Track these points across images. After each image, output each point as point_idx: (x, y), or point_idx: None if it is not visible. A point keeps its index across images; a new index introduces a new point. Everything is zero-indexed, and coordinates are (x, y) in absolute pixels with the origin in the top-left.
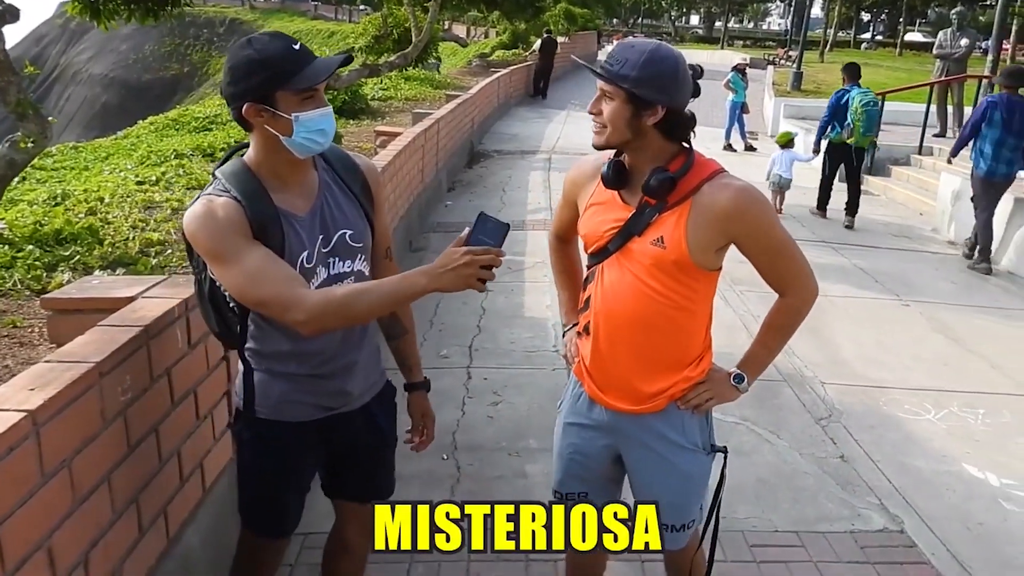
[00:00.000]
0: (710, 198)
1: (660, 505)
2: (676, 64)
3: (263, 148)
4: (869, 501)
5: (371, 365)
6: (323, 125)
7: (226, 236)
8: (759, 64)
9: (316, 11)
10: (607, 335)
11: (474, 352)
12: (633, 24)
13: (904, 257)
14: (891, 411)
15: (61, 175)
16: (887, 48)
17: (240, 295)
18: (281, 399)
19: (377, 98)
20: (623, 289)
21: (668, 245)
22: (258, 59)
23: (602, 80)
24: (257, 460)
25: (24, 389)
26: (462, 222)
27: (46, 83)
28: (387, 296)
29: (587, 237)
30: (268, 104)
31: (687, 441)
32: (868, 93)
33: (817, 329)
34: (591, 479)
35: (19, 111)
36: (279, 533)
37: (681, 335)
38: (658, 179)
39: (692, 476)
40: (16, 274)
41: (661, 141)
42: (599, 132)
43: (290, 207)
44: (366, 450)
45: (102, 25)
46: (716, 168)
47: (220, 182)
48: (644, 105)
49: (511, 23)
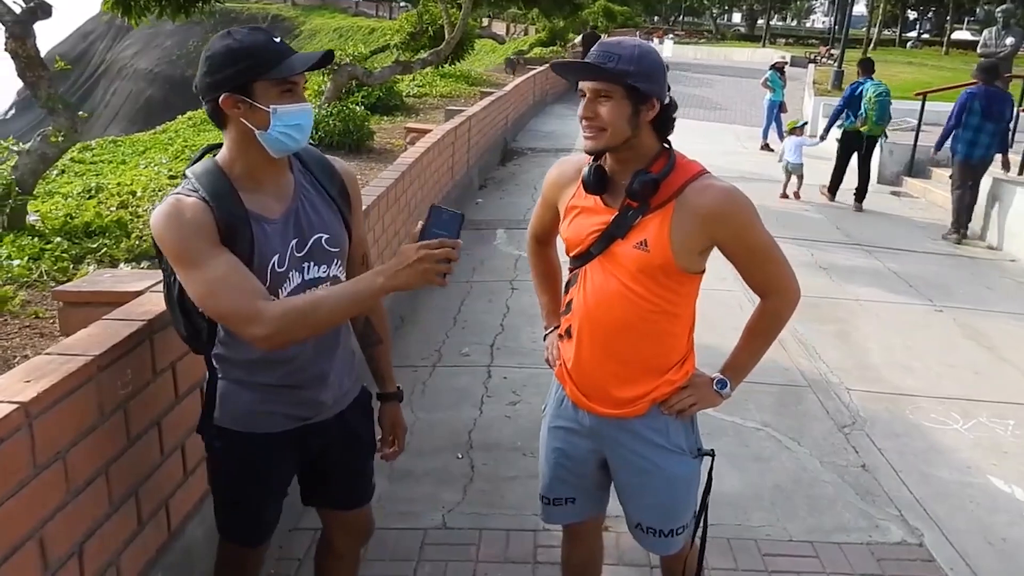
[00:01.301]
0: (693, 200)
1: (644, 509)
2: (660, 57)
3: (236, 146)
4: (889, 512)
5: (344, 373)
6: (300, 120)
7: (190, 241)
8: (800, 62)
9: (357, 8)
10: (589, 339)
11: (496, 351)
12: (674, 22)
13: (940, 261)
14: (917, 420)
15: (98, 168)
16: (933, 47)
17: (201, 304)
18: (250, 409)
19: (412, 95)
20: (606, 293)
21: (652, 248)
22: (238, 48)
23: (603, 79)
24: (227, 470)
25: (20, 381)
26: (492, 220)
27: (92, 78)
28: (346, 299)
29: (569, 240)
30: (246, 95)
31: (671, 444)
32: (880, 85)
33: (846, 334)
34: (578, 484)
35: (50, 105)
36: (253, 541)
37: (664, 338)
38: (641, 181)
39: (678, 480)
40: (43, 265)
41: (651, 139)
42: (596, 136)
43: (261, 209)
44: (342, 458)
45: (132, 21)
46: (699, 169)
47: (190, 181)
48: (643, 100)
49: (549, 20)
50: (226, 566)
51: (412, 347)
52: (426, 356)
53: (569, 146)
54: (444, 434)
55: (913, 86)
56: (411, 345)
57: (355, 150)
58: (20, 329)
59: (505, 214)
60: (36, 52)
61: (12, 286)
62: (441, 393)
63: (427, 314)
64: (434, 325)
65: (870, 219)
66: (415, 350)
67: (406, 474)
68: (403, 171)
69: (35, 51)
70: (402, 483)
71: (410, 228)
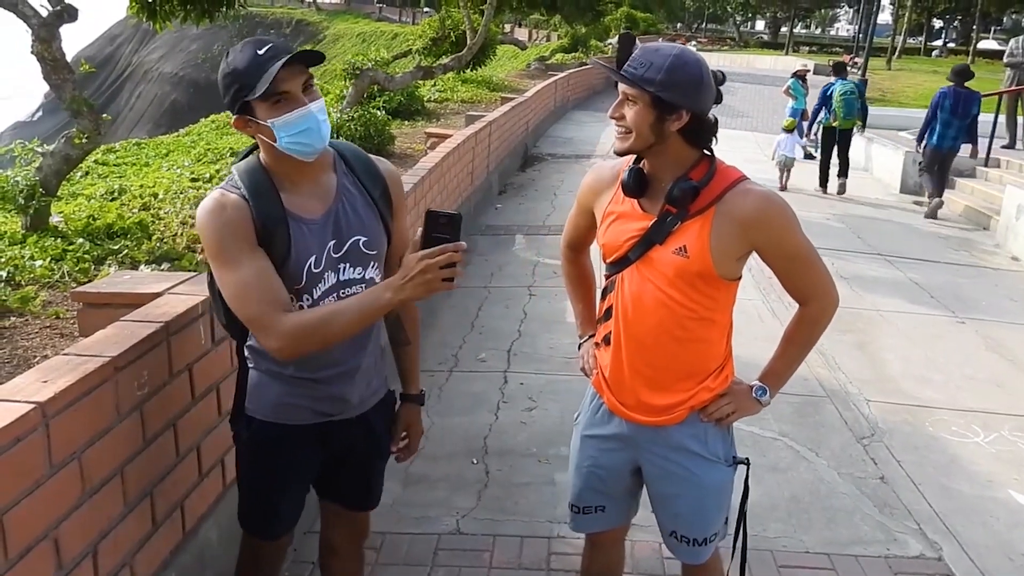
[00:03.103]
0: (733, 205)
1: (679, 518)
2: (700, 69)
3: (268, 152)
4: (907, 525)
5: (373, 371)
6: (304, 125)
7: (225, 240)
8: (824, 71)
9: (380, 13)
10: (628, 345)
11: (512, 357)
12: (696, 29)
13: (962, 272)
14: (937, 432)
15: (122, 171)
16: (959, 55)
17: (228, 304)
18: (278, 400)
19: (433, 100)
20: (644, 299)
21: (691, 254)
22: (228, 72)
23: (626, 84)
24: (252, 460)
25: (37, 381)
26: (511, 225)
27: (119, 81)
28: (357, 314)
29: (607, 246)
30: (248, 114)
31: (709, 453)
32: (848, 84)
33: (865, 344)
34: (610, 492)
35: (74, 108)
36: (271, 534)
37: (702, 345)
38: (681, 188)
39: (713, 488)
40: (65, 266)
41: (684, 147)
42: (622, 137)
43: (301, 209)
44: (361, 458)
45: (157, 25)
46: (739, 175)
47: (233, 178)
48: (668, 110)
49: (571, 26)
50: (245, 561)
51: (429, 352)
52: (443, 361)
53: (589, 152)
54: (459, 439)
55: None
56: (428, 350)
57: (375, 154)
58: (41, 329)
59: (524, 220)
60: (62, 55)
61: (34, 286)
62: (457, 398)
63: (444, 319)
64: (451, 330)
65: (891, 229)
66: (432, 355)
67: (420, 479)
68: (422, 176)
69: (60, 54)
70: (416, 488)
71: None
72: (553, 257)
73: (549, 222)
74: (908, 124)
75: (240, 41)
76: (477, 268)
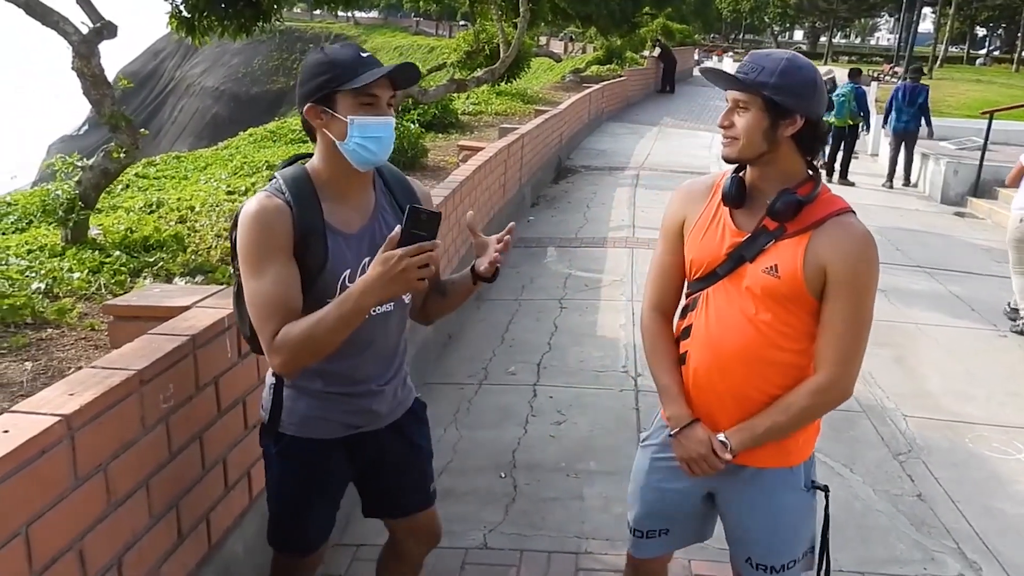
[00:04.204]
0: (833, 235)
1: (757, 544)
2: (813, 72)
3: (322, 156)
4: (945, 544)
5: (399, 384)
6: (379, 132)
7: (261, 245)
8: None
9: (417, 27)
10: (708, 366)
11: (542, 370)
12: (733, 39)
13: (1005, 285)
14: (977, 449)
15: (161, 184)
16: (1003, 64)
17: (248, 309)
18: (307, 414)
19: (467, 112)
20: (730, 318)
21: (783, 275)
22: (325, 60)
23: (737, 89)
24: (282, 475)
25: (64, 394)
26: (543, 237)
27: (162, 95)
28: (337, 322)
29: (695, 260)
30: (328, 106)
31: (789, 475)
32: (847, 87)
33: (903, 359)
34: (676, 516)
35: (113, 122)
36: (304, 549)
37: (789, 371)
38: (785, 201)
39: (790, 512)
40: (102, 278)
41: (794, 157)
42: (730, 144)
43: (340, 222)
44: (394, 466)
45: (196, 40)
46: (846, 205)
47: (278, 182)
48: (782, 114)
49: (606, 38)
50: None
51: (458, 365)
52: (472, 374)
53: (623, 164)
54: (488, 453)
55: (980, 104)
56: (457, 363)
57: (408, 167)
58: (76, 341)
59: (556, 232)
60: (101, 71)
61: (71, 298)
62: (486, 411)
63: (474, 331)
64: (481, 343)
65: (932, 240)
66: (461, 368)
67: (448, 492)
68: (454, 188)
69: (100, 70)
70: (444, 501)
71: (459, 246)
72: (584, 269)
73: (581, 234)
74: (950, 134)
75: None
76: (508, 280)
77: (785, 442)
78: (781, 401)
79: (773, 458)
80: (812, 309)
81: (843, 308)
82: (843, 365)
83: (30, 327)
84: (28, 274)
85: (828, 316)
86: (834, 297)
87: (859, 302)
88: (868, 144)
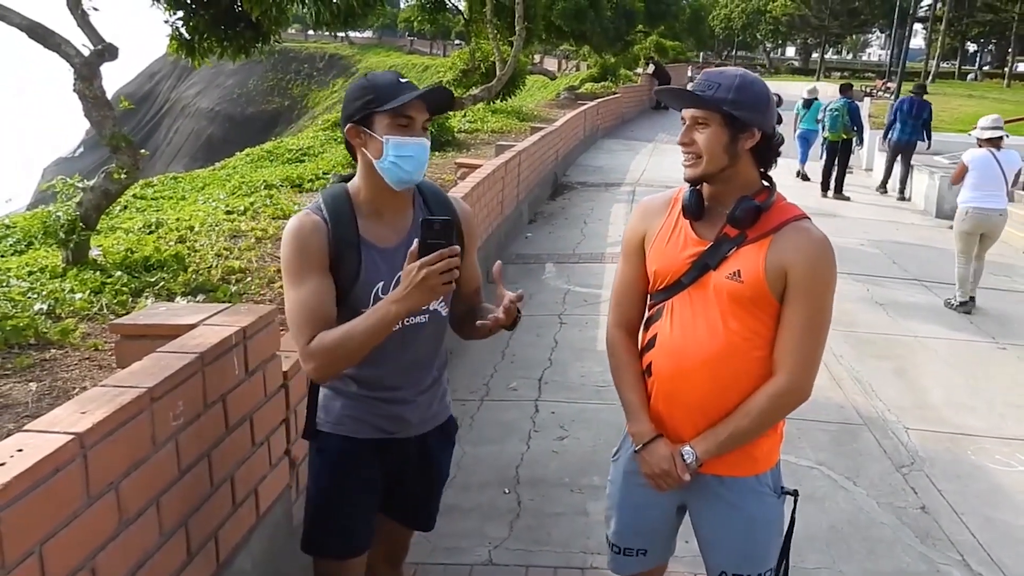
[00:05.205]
0: (790, 240)
1: (732, 555)
2: (765, 87)
3: (361, 173)
4: (950, 556)
5: (434, 396)
6: (412, 152)
7: (296, 259)
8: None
9: (412, 46)
10: (672, 375)
11: (543, 385)
12: (726, 56)
13: (1003, 297)
14: (980, 461)
15: (159, 204)
16: (994, 79)
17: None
18: (342, 414)
19: (464, 130)
20: (695, 327)
21: (746, 279)
22: (366, 84)
23: (697, 106)
24: (319, 471)
25: (76, 412)
26: (540, 253)
27: (157, 116)
28: (367, 332)
29: (659, 271)
30: (366, 126)
31: (759, 484)
32: (839, 102)
33: (903, 371)
34: (652, 532)
35: (113, 143)
36: (347, 551)
37: (753, 380)
38: (744, 208)
39: (763, 522)
40: (104, 299)
41: (751, 169)
42: (693, 164)
43: (375, 237)
44: (415, 480)
45: (195, 62)
46: (801, 212)
47: (318, 201)
48: (741, 128)
49: (600, 56)
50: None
51: (460, 380)
52: (474, 390)
53: (619, 180)
54: (491, 469)
55: (973, 119)
56: (459, 378)
57: None
58: (80, 361)
59: (554, 248)
60: (102, 93)
61: (74, 319)
62: (488, 427)
63: (475, 347)
64: (482, 359)
65: (928, 254)
66: (463, 383)
67: (452, 509)
68: None
69: (101, 92)
70: (448, 518)
71: None
72: (583, 285)
73: (579, 250)
74: (944, 149)
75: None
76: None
77: (750, 449)
78: (742, 406)
79: (740, 467)
80: (776, 313)
81: (802, 310)
82: (802, 367)
83: (33, 348)
84: (30, 295)
85: (788, 318)
86: (794, 300)
87: (819, 304)
88: (862, 158)
